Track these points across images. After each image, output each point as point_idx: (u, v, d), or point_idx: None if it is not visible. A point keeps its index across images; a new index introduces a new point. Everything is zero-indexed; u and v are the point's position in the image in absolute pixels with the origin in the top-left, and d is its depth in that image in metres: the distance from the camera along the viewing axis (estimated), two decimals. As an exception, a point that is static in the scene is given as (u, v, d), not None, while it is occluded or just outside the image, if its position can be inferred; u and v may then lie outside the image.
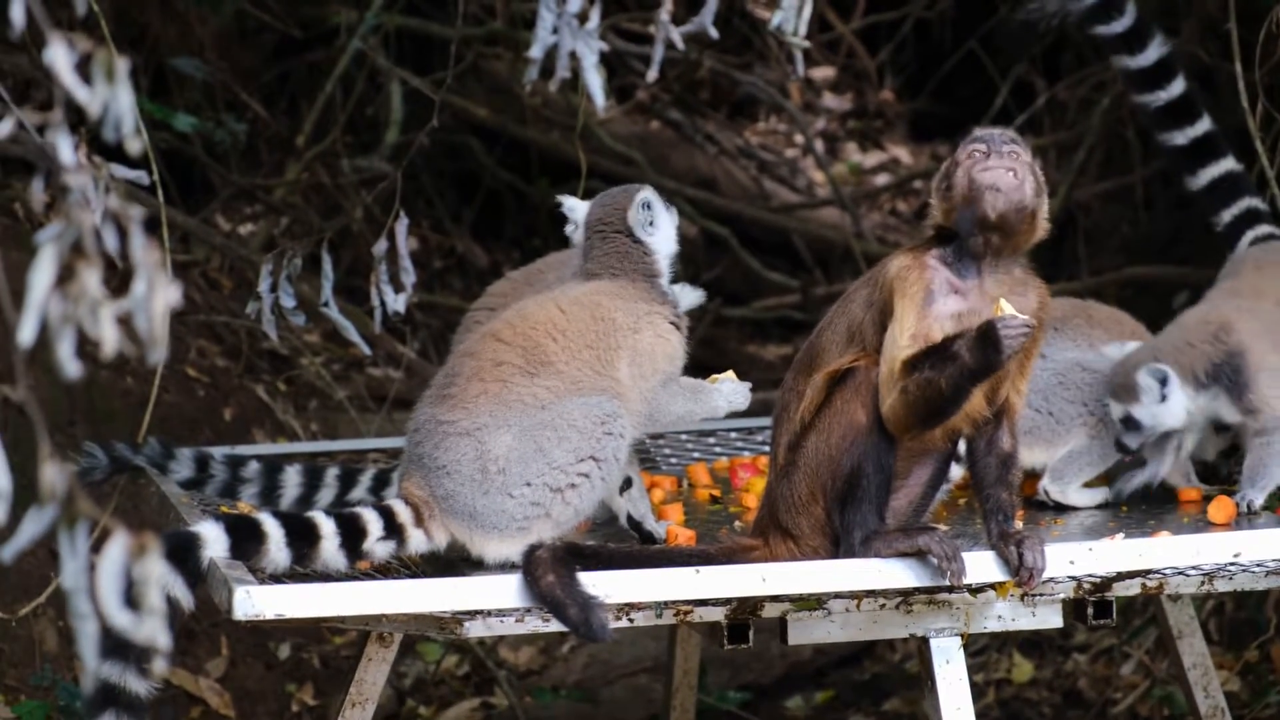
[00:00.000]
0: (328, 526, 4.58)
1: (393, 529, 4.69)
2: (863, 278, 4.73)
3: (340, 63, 9.30)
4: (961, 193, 4.51)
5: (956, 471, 5.11)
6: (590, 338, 4.90)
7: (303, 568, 4.58)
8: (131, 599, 4.24)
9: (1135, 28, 5.75)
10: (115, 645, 4.25)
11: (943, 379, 4.40)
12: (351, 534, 4.61)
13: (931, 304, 4.50)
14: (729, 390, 5.04)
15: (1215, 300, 5.57)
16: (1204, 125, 5.80)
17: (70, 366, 2.85)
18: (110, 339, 2.83)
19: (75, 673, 6.86)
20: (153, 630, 2.86)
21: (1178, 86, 5.79)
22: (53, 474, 2.80)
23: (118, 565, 2.82)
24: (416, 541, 4.73)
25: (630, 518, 5.07)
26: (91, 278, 2.83)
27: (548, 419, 4.78)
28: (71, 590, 2.85)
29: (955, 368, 4.39)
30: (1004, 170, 4.49)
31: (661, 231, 5.14)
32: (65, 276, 2.84)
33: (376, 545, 4.67)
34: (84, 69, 2.92)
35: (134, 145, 2.96)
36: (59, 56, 2.87)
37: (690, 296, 5.26)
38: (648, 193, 5.16)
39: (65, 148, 2.94)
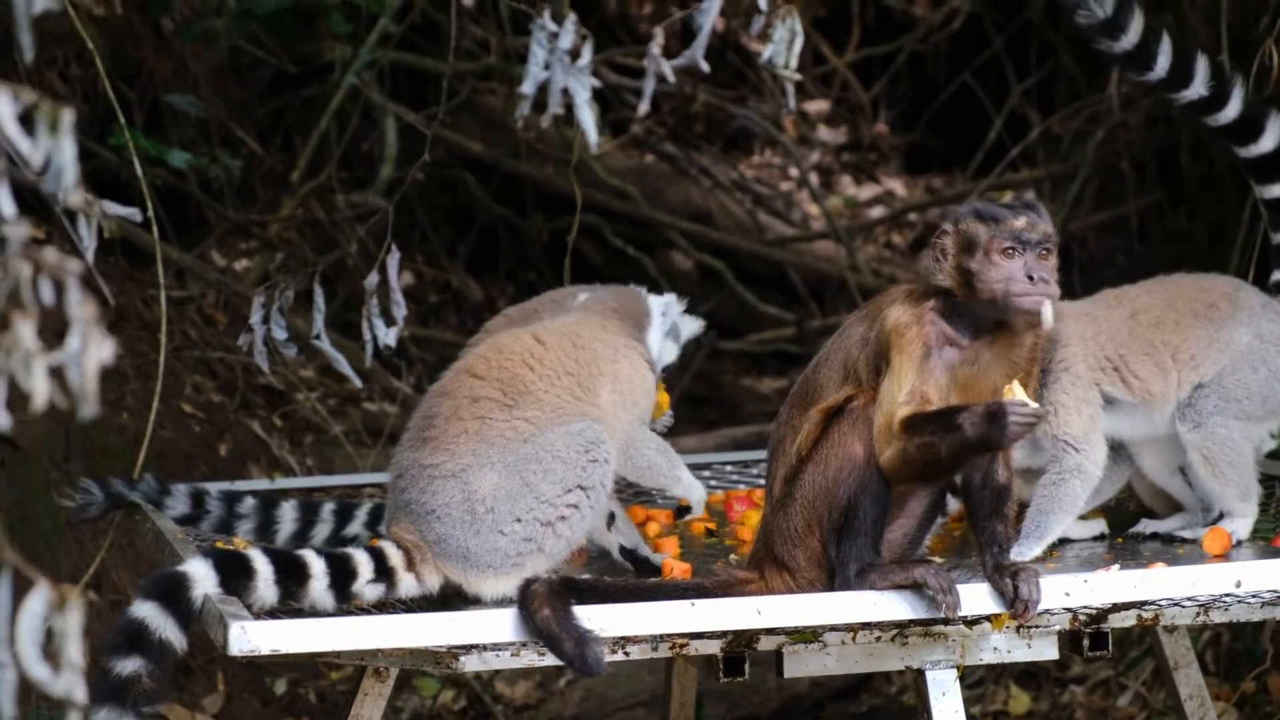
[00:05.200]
0: (318, 566, 4.57)
1: (383, 572, 4.68)
2: (858, 312, 4.72)
3: (335, 98, 9.30)
4: (989, 298, 4.50)
5: (954, 503, 5.11)
6: (570, 365, 4.92)
7: (292, 605, 4.58)
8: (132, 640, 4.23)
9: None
10: (112, 689, 4.25)
11: (943, 446, 4.41)
12: (342, 575, 4.60)
13: (928, 359, 4.50)
14: (690, 480, 5.15)
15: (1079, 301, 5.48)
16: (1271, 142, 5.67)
17: (0, 418, 2.83)
18: (41, 391, 2.81)
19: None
20: (69, 684, 2.84)
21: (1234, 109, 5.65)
22: (-24, 525, 2.79)
23: (37, 617, 2.80)
24: (407, 585, 4.73)
25: (623, 549, 5.07)
26: (26, 330, 2.81)
27: (531, 452, 4.78)
28: None
29: (956, 438, 4.39)
30: (1044, 298, 4.46)
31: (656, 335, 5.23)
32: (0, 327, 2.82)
33: (366, 588, 4.66)
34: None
35: (74, 198, 2.95)
36: (2, 107, 2.85)
37: (690, 325, 5.38)
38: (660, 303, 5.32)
39: (5, 199, 2.92)
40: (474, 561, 4.74)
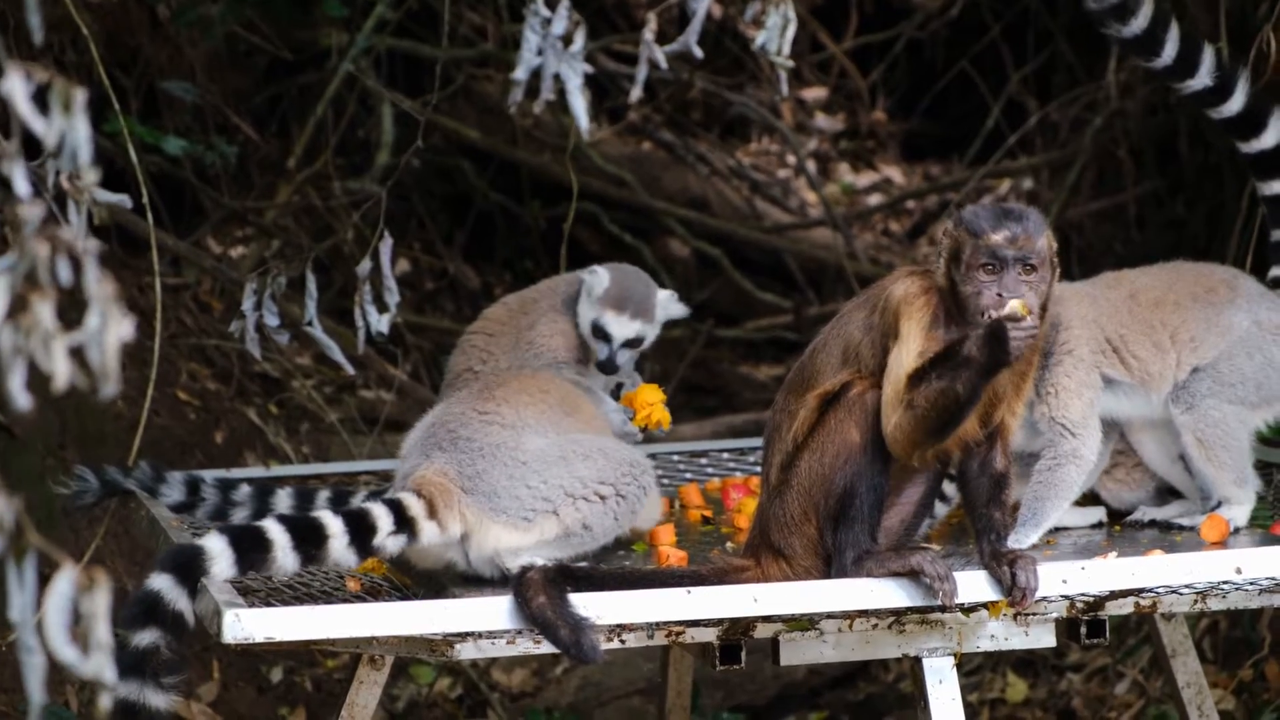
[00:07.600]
0: (335, 525, 4.58)
1: (404, 522, 4.70)
2: (858, 299, 4.70)
3: (331, 85, 9.29)
4: (974, 313, 4.48)
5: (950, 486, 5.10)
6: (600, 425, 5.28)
7: (312, 568, 4.67)
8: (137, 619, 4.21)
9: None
10: (132, 663, 4.26)
11: (958, 383, 4.37)
12: (361, 530, 4.62)
13: (936, 327, 4.48)
14: None
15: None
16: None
17: (21, 399, 2.81)
18: (62, 372, 2.79)
19: (66, 697, 6.84)
20: (99, 666, 2.82)
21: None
22: (1, 506, 2.77)
23: (65, 599, 2.79)
24: (429, 534, 4.75)
25: None
26: (45, 310, 2.79)
27: (583, 439, 4.99)
28: (18, 624, 2.81)
29: (967, 371, 4.35)
30: (1026, 336, 4.39)
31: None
32: (19, 308, 2.81)
33: (388, 540, 4.68)
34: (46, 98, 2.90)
35: (89, 176, 2.94)
36: (16, 87, 2.84)
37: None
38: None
39: (20, 179, 2.91)
40: (495, 503, 4.82)
